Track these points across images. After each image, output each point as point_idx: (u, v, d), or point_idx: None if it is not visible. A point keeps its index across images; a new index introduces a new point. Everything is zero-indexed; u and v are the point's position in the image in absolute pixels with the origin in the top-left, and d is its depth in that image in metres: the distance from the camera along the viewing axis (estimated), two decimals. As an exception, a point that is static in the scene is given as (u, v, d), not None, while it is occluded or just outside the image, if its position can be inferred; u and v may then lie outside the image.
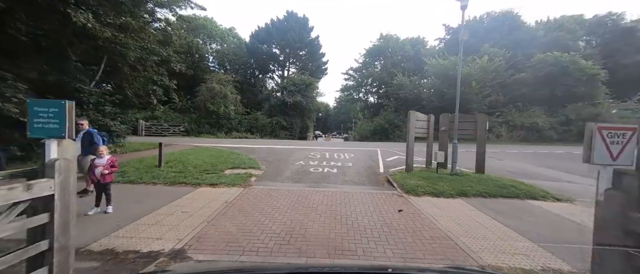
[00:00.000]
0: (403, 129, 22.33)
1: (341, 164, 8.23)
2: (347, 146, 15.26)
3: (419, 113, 7.33)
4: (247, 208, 3.89)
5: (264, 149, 11.93)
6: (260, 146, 13.02)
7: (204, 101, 22.49)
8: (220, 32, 38.09)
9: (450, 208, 4.17)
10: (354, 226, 3.28)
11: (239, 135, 21.58)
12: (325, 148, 12.85)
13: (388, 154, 11.15)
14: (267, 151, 11.27)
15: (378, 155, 10.63)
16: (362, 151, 11.91)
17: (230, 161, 7.87)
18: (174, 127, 20.88)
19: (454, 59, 22.00)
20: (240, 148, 11.87)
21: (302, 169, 7.31)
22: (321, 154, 10.53)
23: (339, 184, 5.77)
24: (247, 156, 9.21)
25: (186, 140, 16.28)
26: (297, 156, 9.70)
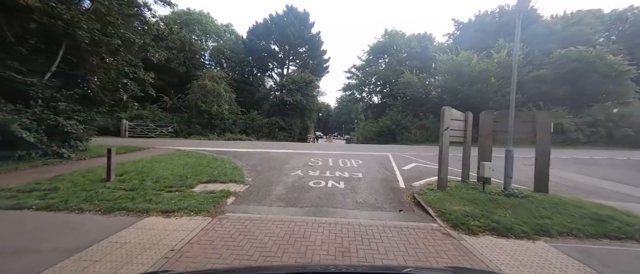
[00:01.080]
0: (412, 131, 20.76)
1: (349, 175, 6.63)
2: (352, 150, 13.67)
3: (454, 110, 5.74)
4: (202, 264, 2.31)
5: (257, 153, 10.35)
6: (253, 150, 11.45)
7: (195, 100, 20.96)
8: (216, 28, 36.68)
9: (537, 262, 2.57)
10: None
11: (232, 137, 20.02)
12: (328, 153, 11.26)
13: (402, 160, 9.54)
14: (259, 156, 9.69)
15: (391, 162, 9.03)
16: (371, 157, 10.32)
17: (208, 171, 6.28)
18: (162, 127, 19.35)
19: (466, 54, 20.43)
20: (229, 153, 10.31)
21: (299, 182, 5.71)
22: (323, 160, 8.94)
23: (349, 207, 4.18)
24: (233, 163, 7.63)
25: (171, 142, 14.72)
26: (294, 164, 8.11)
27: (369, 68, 36.57)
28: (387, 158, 9.97)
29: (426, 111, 22.40)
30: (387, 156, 10.54)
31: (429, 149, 14.48)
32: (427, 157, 10.51)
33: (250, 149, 11.71)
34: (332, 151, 12.03)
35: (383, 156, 10.75)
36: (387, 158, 9.99)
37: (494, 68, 18.27)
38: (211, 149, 11.46)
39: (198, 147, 12.06)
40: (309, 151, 11.87)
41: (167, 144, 12.92)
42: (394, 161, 9.30)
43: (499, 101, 18.99)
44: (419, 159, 9.90)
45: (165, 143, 13.95)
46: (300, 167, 7.62)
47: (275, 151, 11.42)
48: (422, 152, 12.54)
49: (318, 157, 9.77)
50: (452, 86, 19.68)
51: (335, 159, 9.18)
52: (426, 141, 20.02)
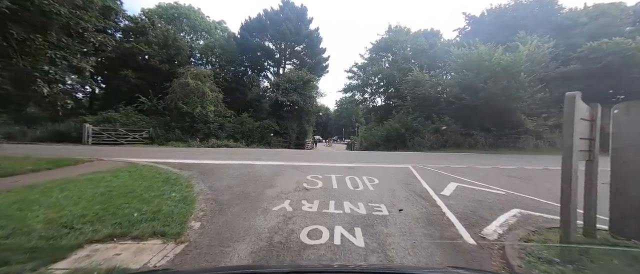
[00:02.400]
0: (425, 135, 18.31)
1: (366, 211, 4.14)
2: (360, 160, 11.18)
3: (583, 102, 3.17)
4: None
5: (235, 168, 7.85)
6: (233, 162, 8.95)
7: (174, 100, 18.50)
8: (206, 25, 34.49)
9: None
10: None
11: (217, 143, 17.52)
12: (330, 166, 8.77)
13: (434, 177, 7.06)
14: (237, 172, 7.20)
15: (419, 180, 6.54)
16: (388, 172, 7.84)
17: (132, 207, 3.78)
18: (135, 133, 16.71)
19: (485, 47, 18.09)
20: (198, 167, 7.83)
21: (283, 232, 3.22)
22: (324, 179, 6.45)
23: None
24: (190, 188, 5.14)
25: (137, 151, 12.16)
26: (282, 186, 5.62)
27: (371, 67, 34.30)
28: (411, 174, 7.49)
29: (440, 112, 20.02)
30: (408, 170, 8.06)
31: (454, 158, 12.02)
32: (462, 171, 8.03)
33: (229, 161, 9.20)
34: (334, 163, 9.54)
35: (402, 169, 8.27)
36: (410, 173, 7.51)
37: (522, 62, 15.94)
38: (178, 161, 8.95)
39: (163, 158, 9.54)
40: (305, 163, 9.36)
41: (126, 155, 10.39)
42: (421, 178, 6.81)
43: (527, 100, 16.68)
44: (454, 174, 7.42)
45: (128, 153, 11.42)
46: (290, 193, 5.13)
47: (262, 163, 8.92)
48: (449, 163, 10.06)
49: (317, 172, 7.28)
50: (471, 83, 17.32)
51: (341, 177, 6.69)
52: (443, 147, 17.57)
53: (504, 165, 9.49)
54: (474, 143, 17.07)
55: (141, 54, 22.92)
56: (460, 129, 17.97)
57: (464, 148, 16.91)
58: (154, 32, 24.70)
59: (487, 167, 8.87)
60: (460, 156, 13.10)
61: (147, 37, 23.73)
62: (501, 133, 17.08)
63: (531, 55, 16.20)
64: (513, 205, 4.58)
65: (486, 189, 5.68)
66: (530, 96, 16.39)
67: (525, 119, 16.86)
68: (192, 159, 9.64)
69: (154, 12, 29.51)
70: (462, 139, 17.59)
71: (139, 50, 22.32)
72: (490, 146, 16.76)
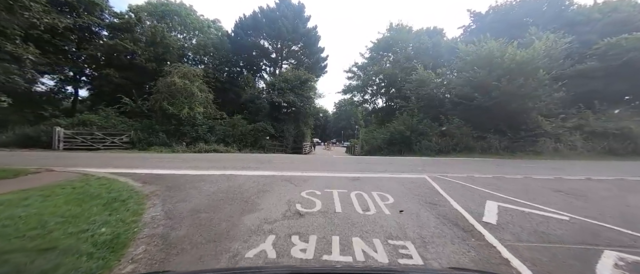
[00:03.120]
0: (432, 139, 16.97)
1: (389, 258, 2.72)
2: (365, 168, 9.81)
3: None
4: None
5: (212, 181, 6.44)
6: (213, 173, 7.52)
7: (159, 101, 17.05)
8: (198, 23, 33.16)
9: None
10: None
11: (206, 148, 16.05)
12: (330, 177, 7.37)
13: (462, 192, 5.68)
14: (213, 188, 5.78)
15: (446, 198, 5.14)
16: (402, 183, 6.45)
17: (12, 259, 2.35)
18: (113, 137, 15.19)
19: (496, 43, 16.84)
20: (170, 178, 6.44)
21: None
22: (323, 198, 5.05)
23: None
24: (133, 216, 3.73)
25: (106, 158, 10.67)
26: (266, 211, 4.22)
27: (372, 67, 33.08)
28: (430, 187, 6.10)
29: (447, 113, 18.69)
30: (425, 182, 6.67)
31: (472, 165, 10.66)
32: (493, 183, 6.65)
33: (210, 171, 7.76)
34: (335, 172, 8.12)
35: (418, 180, 6.88)
36: (429, 187, 6.12)
37: (539, 58, 14.67)
38: (148, 171, 7.52)
39: (132, 167, 8.11)
40: (300, 172, 7.94)
41: (89, 164, 8.95)
42: (447, 194, 5.42)
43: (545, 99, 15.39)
44: (485, 188, 6.04)
45: (96, 161, 9.98)
46: (277, 221, 3.73)
47: (248, 173, 7.50)
48: (470, 171, 8.68)
49: (314, 186, 5.88)
50: (483, 82, 16.03)
51: (345, 194, 5.29)
52: (452, 152, 16.22)
53: (536, 174, 8.13)
54: (487, 147, 15.74)
55: (126, 52, 21.49)
56: (471, 131, 16.64)
57: (476, 152, 15.57)
58: (140, 29, 23.34)
59: (517, 178, 7.51)
60: (477, 162, 11.75)
61: (133, 34, 22.34)
62: (517, 136, 15.77)
63: (549, 51, 14.95)
64: (597, 240, 3.20)
65: (541, 213, 4.29)
66: (548, 95, 15.14)
67: (542, 120, 15.58)
68: (166, 168, 8.20)
69: (142, 9, 28.17)
70: (474, 142, 16.25)
71: (123, 47, 20.90)
72: (505, 149, 15.44)
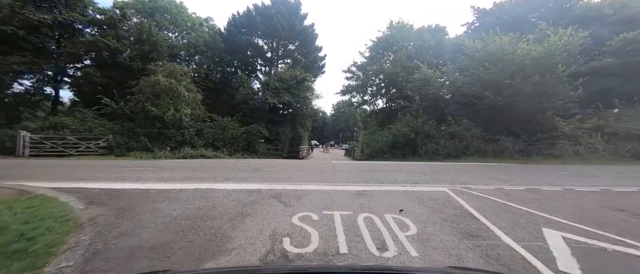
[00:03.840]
0: (439, 141, 15.76)
1: None
2: (370, 177, 8.56)
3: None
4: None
5: (180, 199, 5.12)
6: (185, 186, 6.20)
7: (141, 102, 15.68)
8: (190, 20, 31.91)
9: None
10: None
11: (191, 153, 14.66)
12: (329, 190, 6.08)
13: (502, 214, 4.39)
14: (177, 210, 4.47)
15: (489, 226, 3.84)
16: (421, 201, 5.17)
17: None
18: (89, 141, 13.53)
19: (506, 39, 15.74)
20: (125, 196, 5.14)
21: None
22: (322, 225, 3.75)
23: None
24: (21, 264, 2.39)
25: (68, 167, 9.26)
26: (240, 251, 2.90)
27: (372, 66, 31.97)
28: (459, 206, 4.81)
29: (454, 114, 17.50)
30: (450, 198, 5.40)
31: (492, 172, 9.41)
32: (534, 200, 5.38)
33: (183, 184, 6.43)
34: (336, 184, 6.82)
35: (440, 196, 5.61)
36: (457, 206, 4.83)
37: (557, 53, 13.55)
38: (106, 185, 6.19)
39: (90, 180, 6.76)
40: (294, 185, 6.64)
41: (41, 175, 7.58)
42: (486, 219, 4.13)
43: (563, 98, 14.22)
44: (529, 208, 4.77)
45: (53, 170, 8.62)
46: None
47: (229, 187, 6.17)
48: (497, 181, 7.42)
49: (310, 206, 4.59)
50: (495, 80, 14.87)
51: (351, 218, 4.00)
52: (462, 156, 14.97)
53: (573, 184, 6.90)
54: (501, 150, 14.54)
55: (108, 50, 20.11)
56: (481, 133, 15.45)
57: (488, 156, 14.36)
58: (126, 26, 22.00)
59: (556, 190, 6.26)
60: (496, 169, 10.52)
61: (117, 31, 20.98)
62: (532, 138, 14.59)
63: (566, 46, 13.84)
64: None
65: (630, 251, 3.02)
66: (566, 93, 14.01)
67: (558, 121, 14.43)
68: (132, 180, 6.86)
69: (130, 6, 26.85)
70: (485, 145, 15.05)
71: (106, 45, 19.52)
72: (521, 153, 14.25)
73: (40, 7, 20.52)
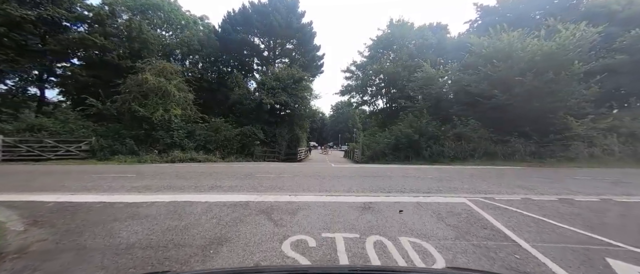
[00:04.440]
0: (445, 143, 14.94)
1: None
2: (372, 183, 7.72)
3: None
4: None
5: (149, 215, 4.24)
6: (159, 198, 5.32)
7: (128, 102, 14.76)
8: (184, 18, 31.07)
9: None
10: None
11: (180, 156, 13.74)
12: (329, 202, 5.21)
13: (547, 236, 3.53)
14: (140, 232, 3.57)
15: (537, 256, 2.98)
16: (440, 217, 4.31)
17: None
18: (69, 144, 12.50)
19: (516, 34, 15.02)
20: (81, 212, 4.25)
21: None
22: (321, 256, 2.86)
23: None
24: None
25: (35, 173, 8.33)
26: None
27: (372, 65, 31.19)
28: (491, 227, 3.94)
29: (460, 114, 16.68)
30: (475, 214, 4.54)
31: (508, 177, 8.58)
32: (576, 214, 4.53)
33: (156, 196, 5.54)
34: (337, 194, 5.94)
35: (463, 210, 4.74)
36: (488, 225, 3.97)
37: (570, 49, 12.79)
38: (65, 198, 5.29)
39: (49, 193, 5.86)
40: (288, 195, 5.77)
41: (7, 184, 6.65)
42: (530, 245, 3.27)
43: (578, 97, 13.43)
44: (572, 226, 3.92)
45: (26, 180, 7.70)
46: None
47: (212, 199, 5.28)
48: (520, 189, 6.57)
49: (305, 225, 3.72)
50: (504, 77, 14.10)
51: (358, 244, 3.12)
52: (470, 158, 14.16)
53: (611, 194, 6.07)
54: (511, 152, 13.73)
55: (96, 48, 19.18)
56: (490, 134, 14.65)
57: (498, 159, 13.55)
58: (114, 23, 21.08)
59: (593, 200, 5.43)
60: (512, 173, 9.69)
61: (105, 28, 20.05)
62: (544, 139, 13.80)
63: (579, 41, 13.08)
64: None
65: None
66: (582, 91, 13.23)
67: (571, 121, 13.66)
68: (100, 191, 5.95)
69: (120, 2, 25.91)
70: (494, 147, 14.25)
71: (93, 42, 18.60)
72: (532, 155, 13.46)
73: (24, 3, 19.57)
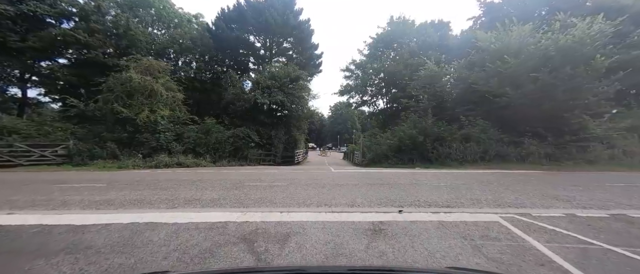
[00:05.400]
0: (453, 146, 14.02)
1: None
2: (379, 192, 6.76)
3: None
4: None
5: (90, 247, 3.19)
6: (115, 219, 4.29)
7: (110, 102, 13.71)
8: (178, 17, 30.03)
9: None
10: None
11: (167, 161, 12.68)
12: (328, 222, 4.22)
13: (626, 270, 2.55)
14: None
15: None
16: (474, 243, 3.30)
17: None
18: (44, 148, 11.48)
19: (528, 27, 14.15)
20: (11, 235, 3.16)
21: None
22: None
23: None
24: None
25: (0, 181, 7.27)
26: None
27: (371, 64, 30.32)
28: (549, 260, 2.93)
29: (467, 113, 15.76)
30: (520, 241, 3.54)
31: (534, 184, 7.59)
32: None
33: (117, 215, 4.50)
34: (339, 210, 4.93)
35: (500, 233, 3.75)
36: (541, 256, 2.97)
37: (589, 42, 11.90)
38: (0, 217, 4.24)
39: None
40: (279, 213, 4.78)
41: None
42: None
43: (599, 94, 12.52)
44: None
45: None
46: None
47: (183, 219, 4.25)
48: (554, 200, 5.60)
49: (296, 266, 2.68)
50: (513, 74, 13.20)
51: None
52: (481, 161, 13.22)
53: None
54: (525, 155, 12.81)
55: (78, 45, 18.12)
56: (501, 135, 13.72)
57: (511, 162, 12.62)
58: (100, 19, 20.01)
59: None
60: (533, 179, 8.74)
61: (89, 25, 18.99)
62: (559, 140, 12.90)
63: (598, 34, 12.18)
64: None
65: None
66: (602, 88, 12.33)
67: (588, 120, 12.77)
68: (48, 207, 4.92)
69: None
70: (506, 148, 13.32)
71: (75, 39, 17.54)
72: (548, 158, 12.53)
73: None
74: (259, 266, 2.35)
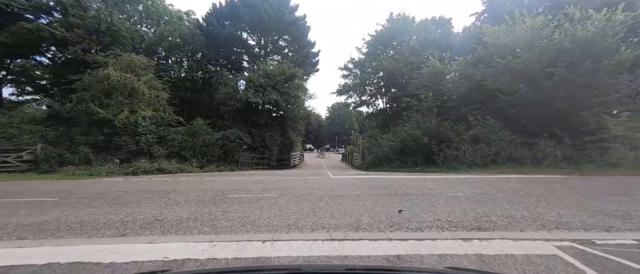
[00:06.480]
0: (460, 146, 13.01)
1: None
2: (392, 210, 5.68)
3: None
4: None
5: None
6: (34, 256, 3.11)
7: (85, 101, 12.49)
8: (168, 14, 28.85)
9: None
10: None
11: (146, 167, 11.46)
12: (332, 257, 3.03)
13: None
14: None
15: None
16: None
17: None
18: (7, 154, 10.40)
19: (541, 19, 13.22)
20: None
21: None
22: None
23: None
24: None
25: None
26: None
27: (371, 63, 29.34)
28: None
29: (473, 113, 14.77)
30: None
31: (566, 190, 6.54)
32: None
33: (35, 250, 3.33)
34: (339, 236, 3.81)
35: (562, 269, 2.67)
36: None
37: (611, 34, 10.95)
38: None
39: None
40: (261, 240, 3.67)
41: None
42: None
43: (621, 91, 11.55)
44: None
45: None
46: None
47: (122, 259, 3.10)
48: (606, 216, 4.54)
49: None
50: (526, 69, 12.24)
51: None
52: (492, 164, 12.19)
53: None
54: (541, 157, 11.81)
55: (54, 41, 16.85)
56: (513, 136, 12.73)
57: (527, 166, 11.61)
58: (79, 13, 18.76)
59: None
60: (560, 186, 7.71)
61: (68, 19, 17.75)
62: (578, 142, 11.93)
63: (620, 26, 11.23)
64: None
65: None
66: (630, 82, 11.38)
67: (608, 119, 11.82)
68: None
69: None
70: (520, 150, 12.32)
71: (50, 34, 16.28)
72: (566, 160, 11.55)
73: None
74: (258, 266, 2.45)
